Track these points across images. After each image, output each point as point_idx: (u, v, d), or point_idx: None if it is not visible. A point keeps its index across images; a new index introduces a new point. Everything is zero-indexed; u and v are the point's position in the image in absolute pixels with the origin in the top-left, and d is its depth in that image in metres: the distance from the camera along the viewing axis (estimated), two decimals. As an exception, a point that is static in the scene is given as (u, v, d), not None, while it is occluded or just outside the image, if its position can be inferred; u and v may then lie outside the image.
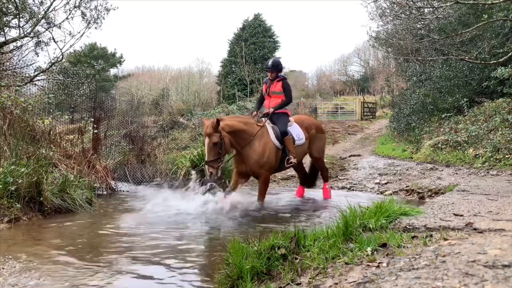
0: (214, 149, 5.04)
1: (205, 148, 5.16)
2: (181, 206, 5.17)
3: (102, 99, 9.00)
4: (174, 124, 14.72)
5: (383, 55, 29.15)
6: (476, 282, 1.42)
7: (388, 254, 2.06)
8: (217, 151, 5.06)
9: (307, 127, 6.16)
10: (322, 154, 6.58)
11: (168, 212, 4.97)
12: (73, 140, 7.46)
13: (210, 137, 5.02)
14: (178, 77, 41.83)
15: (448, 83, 12.67)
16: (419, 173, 8.12)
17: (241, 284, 2.31)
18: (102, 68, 43.53)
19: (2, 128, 5.73)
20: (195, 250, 3.55)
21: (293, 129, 5.85)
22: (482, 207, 3.61)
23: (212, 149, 5.04)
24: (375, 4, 14.91)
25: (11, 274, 2.74)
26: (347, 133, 20.48)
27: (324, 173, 6.53)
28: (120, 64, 46.62)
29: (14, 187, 4.59)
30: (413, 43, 13.89)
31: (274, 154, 5.53)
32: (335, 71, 50.73)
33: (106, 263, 3.06)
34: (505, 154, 7.79)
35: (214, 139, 5.01)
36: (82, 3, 11.34)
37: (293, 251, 2.46)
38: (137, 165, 8.63)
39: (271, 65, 5.90)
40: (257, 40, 36.53)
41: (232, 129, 5.26)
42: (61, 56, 11.40)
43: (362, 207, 3.15)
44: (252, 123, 5.59)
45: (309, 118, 7.08)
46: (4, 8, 10.55)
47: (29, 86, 9.08)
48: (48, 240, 3.75)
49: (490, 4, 8.27)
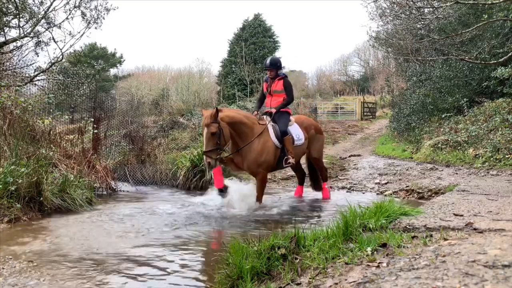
0: (212, 139, 5.02)
1: (204, 138, 5.13)
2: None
3: (102, 99, 8.99)
4: (174, 124, 14.70)
5: (383, 55, 29.14)
6: (476, 282, 1.42)
7: (388, 254, 2.06)
8: (215, 141, 5.03)
9: (307, 127, 6.17)
10: (321, 154, 6.62)
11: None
12: (73, 140, 7.46)
13: (209, 127, 5.00)
14: (178, 77, 41.80)
15: (448, 83, 12.67)
16: (419, 173, 8.12)
17: (241, 284, 2.30)
18: (102, 68, 43.52)
19: (2, 128, 5.73)
20: (195, 250, 3.55)
21: (293, 129, 5.85)
22: (482, 207, 3.61)
23: (210, 139, 5.02)
24: (375, 4, 14.91)
25: (11, 274, 2.74)
26: (347, 133, 20.47)
27: (323, 173, 6.54)
28: (120, 64, 46.64)
29: (14, 187, 4.59)
30: (413, 43, 13.89)
31: (273, 153, 5.52)
32: (335, 71, 50.80)
33: (105, 263, 3.06)
34: (505, 154, 7.79)
35: (212, 129, 4.99)
36: (82, 3, 11.34)
37: (293, 251, 2.45)
38: (137, 165, 8.63)
39: (269, 64, 5.88)
40: (257, 40, 36.50)
41: (232, 120, 5.24)
42: (61, 56, 11.40)
43: (362, 207, 3.15)
44: (253, 119, 5.59)
45: (309, 118, 7.11)
46: (4, 8, 10.55)
47: (29, 86, 9.08)
48: (48, 240, 3.75)
49: (490, 4, 8.27)
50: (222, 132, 5.10)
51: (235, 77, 36.16)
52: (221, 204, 5.29)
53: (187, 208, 5.37)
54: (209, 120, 5.00)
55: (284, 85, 5.86)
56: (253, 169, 5.47)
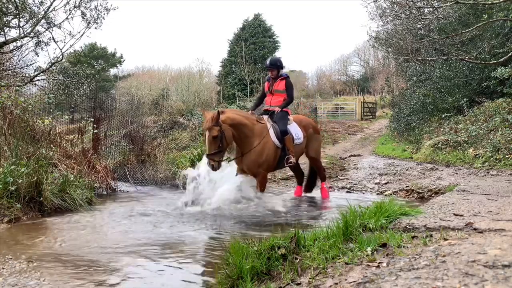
0: (214, 142, 4.99)
1: (206, 142, 5.10)
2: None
3: (102, 99, 8.99)
4: (174, 124, 14.70)
5: (383, 55, 29.16)
6: (476, 282, 1.42)
7: (388, 254, 2.06)
8: (217, 144, 5.00)
9: (305, 126, 6.17)
10: (319, 154, 6.62)
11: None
12: (73, 140, 7.45)
13: (210, 130, 4.97)
14: (178, 77, 41.80)
15: (448, 83, 12.67)
16: (419, 173, 8.12)
17: (241, 284, 2.30)
18: (102, 68, 43.53)
19: (2, 128, 5.73)
20: (195, 250, 3.55)
21: (292, 127, 5.84)
22: (482, 207, 3.61)
23: (212, 143, 5.00)
24: (375, 4, 14.92)
25: (11, 274, 2.74)
26: (347, 133, 20.48)
27: (321, 173, 6.53)
28: (120, 64, 46.67)
29: (14, 187, 4.59)
30: (413, 43, 13.89)
31: (273, 153, 5.51)
32: (335, 71, 50.83)
33: (105, 262, 3.06)
34: (505, 154, 7.79)
35: (214, 133, 4.96)
36: (82, 3, 11.36)
37: (293, 251, 2.45)
38: (137, 165, 8.63)
39: (269, 64, 5.89)
40: (257, 40, 36.50)
41: (233, 122, 5.21)
42: (61, 56, 11.41)
43: (362, 207, 3.15)
44: (252, 119, 5.54)
45: (307, 118, 7.07)
46: (4, 8, 10.55)
47: (29, 86, 9.08)
48: (48, 240, 3.75)
49: (490, 4, 8.27)
50: (224, 134, 5.06)
51: (235, 77, 36.15)
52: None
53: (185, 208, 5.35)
54: (211, 124, 4.97)
55: (286, 85, 5.86)
56: (253, 170, 5.45)
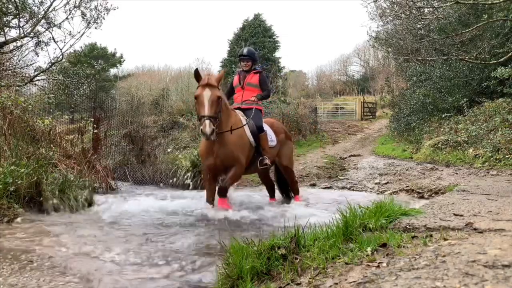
0: (217, 104, 4.31)
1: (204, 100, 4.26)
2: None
3: (102, 99, 9.02)
4: (174, 124, 14.73)
5: (383, 55, 29.19)
6: (476, 282, 1.42)
7: (388, 254, 2.05)
8: (218, 108, 4.34)
9: (276, 131, 5.54)
10: (291, 163, 5.92)
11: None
12: (73, 140, 7.45)
13: (214, 89, 4.31)
14: (178, 77, 41.77)
15: (448, 83, 12.68)
16: (419, 173, 8.12)
17: (241, 284, 2.30)
18: (102, 68, 43.49)
19: (2, 128, 5.73)
20: (194, 250, 3.55)
21: (265, 128, 5.23)
22: (482, 207, 3.61)
23: (214, 104, 4.27)
24: (375, 4, 14.92)
25: (11, 274, 2.74)
26: (347, 133, 20.49)
27: (293, 185, 5.81)
28: (120, 64, 46.59)
29: (14, 187, 4.59)
30: (413, 43, 13.90)
31: (247, 151, 4.81)
32: (335, 71, 50.82)
33: (105, 263, 3.06)
34: (505, 154, 7.79)
35: (218, 93, 4.33)
36: (82, 3, 11.35)
37: (293, 251, 2.45)
38: (137, 165, 8.63)
39: (247, 53, 5.27)
40: (257, 40, 36.50)
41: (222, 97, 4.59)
42: (61, 56, 11.40)
43: (362, 207, 3.15)
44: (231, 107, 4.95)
45: (278, 122, 6.47)
46: (4, 8, 10.54)
47: (29, 86, 9.09)
48: (48, 240, 3.75)
49: (490, 4, 8.28)
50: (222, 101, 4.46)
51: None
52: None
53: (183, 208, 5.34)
54: (216, 83, 4.36)
55: (261, 79, 5.27)
56: (228, 163, 4.64)
